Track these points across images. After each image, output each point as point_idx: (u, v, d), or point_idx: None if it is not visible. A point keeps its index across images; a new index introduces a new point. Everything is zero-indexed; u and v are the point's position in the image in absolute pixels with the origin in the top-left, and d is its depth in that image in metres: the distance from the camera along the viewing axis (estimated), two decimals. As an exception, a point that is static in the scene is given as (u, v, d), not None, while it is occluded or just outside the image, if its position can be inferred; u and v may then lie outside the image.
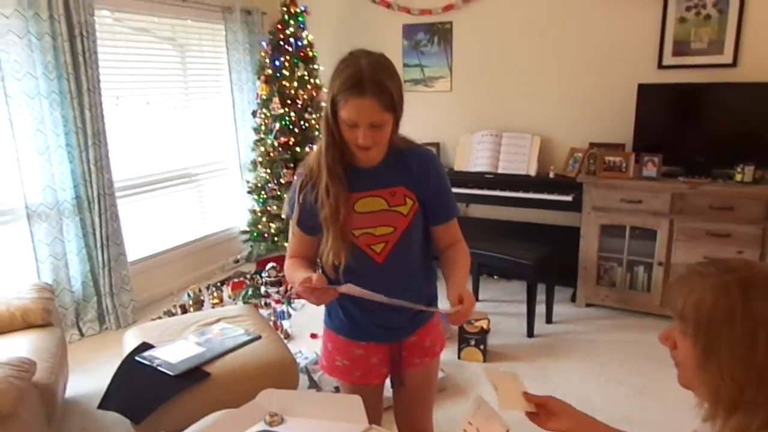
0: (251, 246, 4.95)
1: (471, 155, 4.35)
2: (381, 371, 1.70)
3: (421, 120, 4.57)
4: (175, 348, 2.47)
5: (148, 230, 4.23)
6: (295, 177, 1.59)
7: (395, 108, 1.41)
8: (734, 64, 3.64)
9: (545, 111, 4.27)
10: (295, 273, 1.52)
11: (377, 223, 1.53)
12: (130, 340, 2.59)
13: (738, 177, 3.42)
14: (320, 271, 1.53)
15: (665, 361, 3.48)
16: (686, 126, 3.70)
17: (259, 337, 2.55)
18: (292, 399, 1.53)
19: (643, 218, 3.63)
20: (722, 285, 0.87)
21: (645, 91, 3.73)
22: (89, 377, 3.10)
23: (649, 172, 3.63)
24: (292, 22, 4.32)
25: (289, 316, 3.85)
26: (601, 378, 3.08)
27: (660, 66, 3.84)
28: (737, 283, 0.86)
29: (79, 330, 3.65)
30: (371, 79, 1.35)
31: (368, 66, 1.37)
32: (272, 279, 4.26)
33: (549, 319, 3.74)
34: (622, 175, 3.69)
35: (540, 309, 3.65)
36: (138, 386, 2.29)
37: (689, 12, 3.70)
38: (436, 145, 4.59)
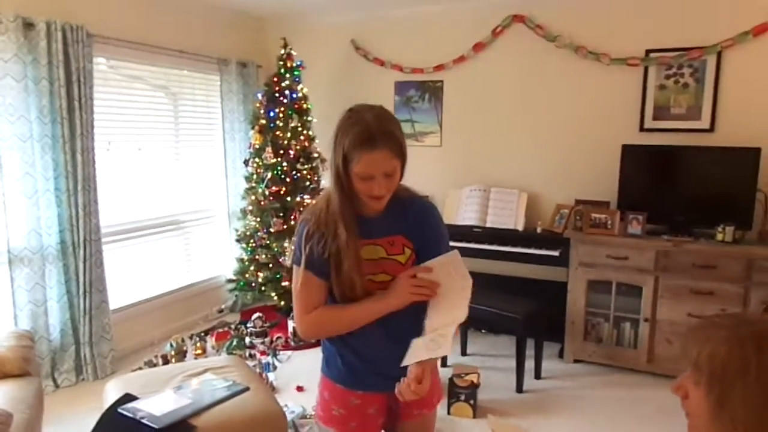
0: (236, 296, 4.88)
1: (460, 209, 4.42)
2: (377, 422, 1.67)
3: (411, 173, 4.56)
4: (159, 400, 2.38)
5: (131, 277, 4.16)
6: (299, 225, 1.58)
7: (403, 154, 1.47)
8: (711, 129, 3.81)
9: (532, 167, 4.39)
10: (349, 309, 1.53)
11: (378, 270, 1.55)
12: (112, 391, 2.50)
13: (719, 236, 3.52)
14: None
15: (653, 419, 3.45)
16: (668, 186, 3.82)
17: (247, 389, 2.48)
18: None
19: (629, 275, 3.69)
20: (737, 337, 0.89)
21: (628, 152, 3.86)
22: (65, 431, 2.96)
23: (634, 230, 3.71)
24: (288, 75, 4.43)
25: (275, 368, 3.76)
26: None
27: (642, 129, 4.00)
28: (752, 335, 0.88)
29: (54, 381, 3.50)
30: (380, 131, 1.40)
31: (374, 119, 1.42)
32: (257, 329, 4.18)
33: (538, 375, 3.71)
34: (608, 231, 3.76)
35: (528, 364, 3.63)
36: (120, 440, 2.20)
37: (668, 80, 3.90)
38: (425, 198, 4.64)
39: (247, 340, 4.11)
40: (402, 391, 1.40)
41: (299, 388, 3.48)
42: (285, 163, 4.35)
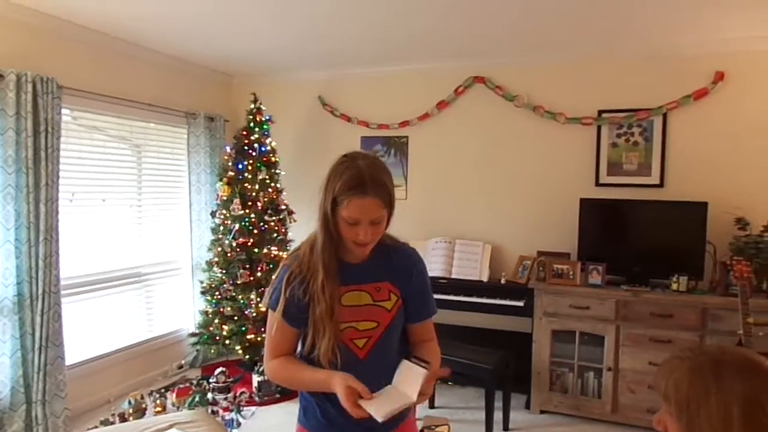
0: (197, 350, 4.74)
1: (425, 260, 4.46)
2: None
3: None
4: (122, 458, 2.29)
5: (90, 332, 4.01)
6: (281, 269, 1.58)
7: (392, 204, 1.50)
8: (661, 184, 4.05)
9: (495, 220, 4.53)
10: (303, 373, 1.52)
11: (361, 317, 1.55)
12: (72, 450, 2.38)
13: (674, 286, 3.69)
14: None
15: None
16: (624, 238, 4.00)
17: (217, 445, 2.41)
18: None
19: (592, 324, 3.79)
20: (697, 366, 0.98)
21: (585, 205, 4.05)
22: (12, 497, 2.77)
23: (594, 280, 3.85)
24: (257, 129, 4.50)
25: (239, 424, 3.65)
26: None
27: (597, 183, 4.22)
28: (709, 363, 0.98)
29: (2, 443, 3.30)
30: (372, 179, 1.43)
31: (367, 167, 1.45)
32: (220, 385, 4.06)
33: (506, 426, 3.71)
34: (570, 282, 3.89)
35: (496, 416, 3.63)
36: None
37: (620, 138, 4.16)
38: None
39: (210, 396, 3.98)
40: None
41: (265, 445, 3.38)
42: (253, 215, 4.36)
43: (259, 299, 4.25)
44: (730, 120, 3.88)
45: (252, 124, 4.51)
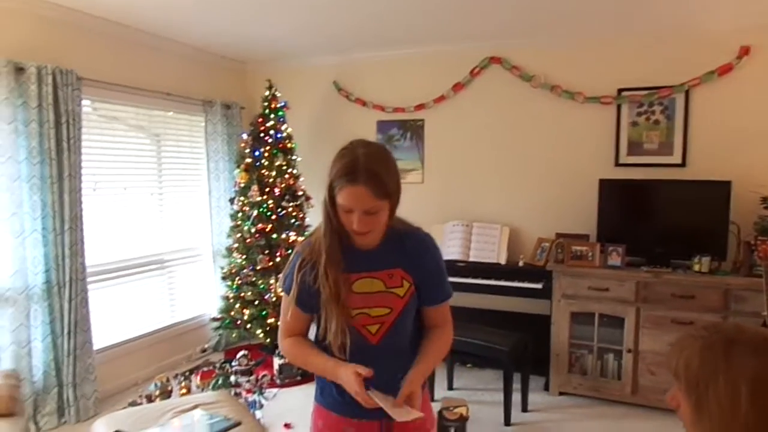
0: (220, 334, 4.84)
1: (443, 244, 4.48)
2: None
3: (394, 210, 4.72)
4: (149, 437, 2.37)
5: (116, 317, 4.12)
6: (294, 256, 1.61)
7: (389, 195, 1.47)
8: (683, 164, 3.98)
9: (513, 202, 4.50)
10: (314, 358, 1.57)
11: (373, 303, 1.56)
12: (101, 429, 2.47)
13: (696, 267, 3.63)
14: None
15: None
16: (644, 219, 3.95)
17: (239, 423, 2.47)
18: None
19: (611, 306, 3.77)
20: (709, 344, 0.97)
21: (605, 186, 4.00)
22: (46, 475, 2.90)
23: (614, 262, 3.81)
24: (272, 116, 4.53)
25: (261, 406, 3.73)
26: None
27: (617, 164, 4.15)
28: (721, 341, 0.96)
29: (36, 424, 3.42)
30: (365, 168, 1.41)
31: (364, 156, 1.44)
32: (243, 368, 4.15)
33: (525, 408, 3.73)
34: (589, 263, 3.86)
35: (515, 397, 3.65)
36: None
37: (640, 117, 4.08)
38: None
39: (232, 378, 4.07)
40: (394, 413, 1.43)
41: (287, 425, 3.45)
42: (271, 201, 4.41)
43: (278, 284, 4.31)
44: (756, 96, 3.77)
45: (267, 111, 4.54)
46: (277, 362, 4.18)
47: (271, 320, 4.33)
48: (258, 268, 4.35)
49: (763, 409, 0.90)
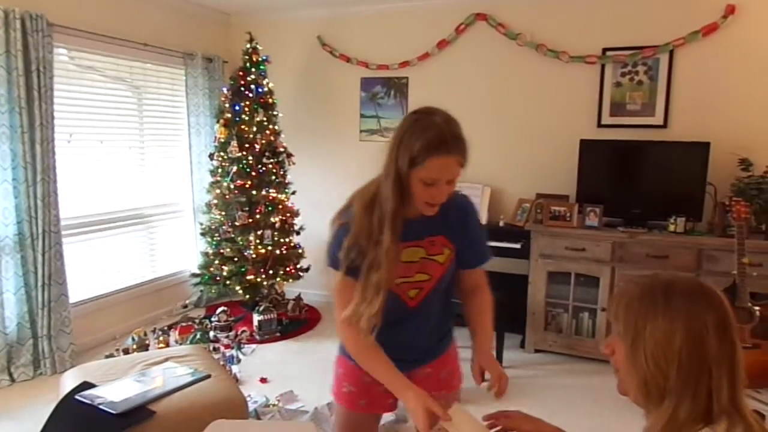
0: (201, 291, 4.84)
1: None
2: (386, 402, 1.68)
3: (376, 168, 4.67)
4: (117, 386, 2.38)
5: (93, 271, 4.10)
6: (339, 230, 1.51)
7: (467, 161, 1.44)
8: (665, 125, 3.96)
9: (495, 163, 4.47)
10: (381, 365, 1.48)
11: (414, 271, 1.55)
12: (69, 380, 2.48)
13: (671, 227, 3.65)
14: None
15: (612, 406, 3.54)
16: (623, 180, 3.95)
17: (209, 376, 2.48)
18: (244, 429, 1.51)
19: (587, 266, 3.80)
20: (649, 287, 1.01)
21: (586, 147, 3.97)
22: (19, 425, 2.91)
23: (591, 222, 3.83)
24: (253, 69, 4.43)
25: (239, 360, 3.76)
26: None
27: (599, 125, 4.13)
28: (661, 286, 1.00)
29: (10, 375, 3.43)
30: (453, 136, 1.37)
31: (445, 123, 1.38)
32: (222, 323, 4.17)
33: (500, 364, 3.78)
34: (567, 224, 3.87)
35: (490, 354, 3.70)
36: (76, 426, 2.18)
37: (624, 77, 4.03)
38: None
39: (211, 334, 4.10)
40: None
41: (263, 380, 3.48)
42: (250, 157, 4.35)
43: (258, 241, 4.29)
44: (741, 57, 3.73)
45: (248, 65, 4.43)
46: (256, 318, 4.20)
47: (250, 277, 4.32)
48: (237, 224, 4.32)
49: (695, 344, 0.94)
